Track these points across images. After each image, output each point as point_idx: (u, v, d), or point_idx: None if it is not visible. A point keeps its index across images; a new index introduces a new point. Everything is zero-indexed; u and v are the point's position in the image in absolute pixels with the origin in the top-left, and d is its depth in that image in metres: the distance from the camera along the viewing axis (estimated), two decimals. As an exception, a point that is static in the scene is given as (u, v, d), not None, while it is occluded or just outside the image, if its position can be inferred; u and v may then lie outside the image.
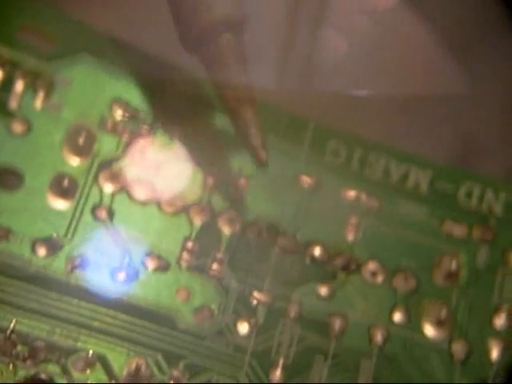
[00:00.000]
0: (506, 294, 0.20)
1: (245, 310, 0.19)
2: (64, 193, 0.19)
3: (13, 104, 0.19)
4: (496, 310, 0.20)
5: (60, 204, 0.19)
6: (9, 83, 0.19)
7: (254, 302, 0.19)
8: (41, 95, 0.20)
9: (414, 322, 0.20)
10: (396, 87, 0.22)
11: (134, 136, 0.20)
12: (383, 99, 0.22)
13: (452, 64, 0.23)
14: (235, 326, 0.19)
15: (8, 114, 0.19)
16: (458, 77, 0.23)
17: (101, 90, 0.20)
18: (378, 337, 0.19)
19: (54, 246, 0.19)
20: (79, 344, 0.18)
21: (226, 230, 0.20)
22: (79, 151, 0.20)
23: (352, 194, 0.21)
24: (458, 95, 0.22)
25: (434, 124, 0.22)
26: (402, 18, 0.23)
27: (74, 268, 0.19)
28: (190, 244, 0.20)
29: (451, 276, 0.20)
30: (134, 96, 0.20)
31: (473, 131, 0.22)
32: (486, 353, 0.20)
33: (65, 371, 0.18)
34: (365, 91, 0.22)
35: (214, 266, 0.20)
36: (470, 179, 0.21)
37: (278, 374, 0.19)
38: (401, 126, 0.22)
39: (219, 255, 0.20)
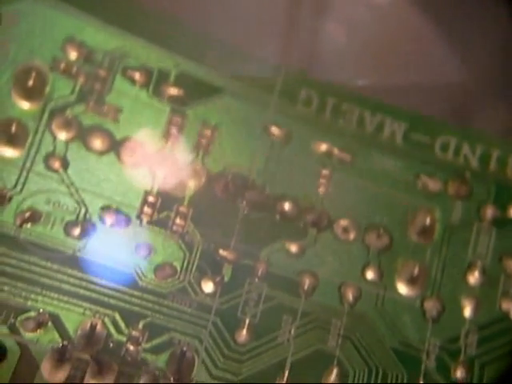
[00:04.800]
0: (480, 250, 0.20)
1: (209, 267, 0.18)
2: (12, 140, 0.18)
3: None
4: (470, 267, 0.20)
5: (8, 152, 0.18)
6: None
7: (220, 259, 0.18)
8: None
9: (386, 280, 0.19)
10: (394, 75, 0.22)
11: (91, 79, 0.19)
12: (382, 86, 0.22)
13: (449, 51, 0.22)
14: (199, 284, 0.18)
15: None
16: (455, 63, 0.22)
17: (52, 28, 0.19)
18: (350, 295, 0.19)
19: (1, 198, 0.18)
20: (29, 302, 0.17)
21: (191, 183, 0.19)
22: (29, 94, 0.18)
23: (324, 146, 0.20)
24: (455, 81, 0.22)
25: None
26: (400, 7, 0.22)
27: (23, 222, 0.18)
28: (151, 197, 0.19)
29: (425, 232, 0.20)
30: (90, 36, 0.19)
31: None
32: (459, 310, 0.19)
33: (13, 331, 0.17)
34: (364, 79, 0.22)
35: (177, 221, 0.18)
36: (446, 132, 0.21)
37: (243, 333, 0.18)
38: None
39: (182, 209, 0.19)
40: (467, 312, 0.19)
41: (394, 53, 0.22)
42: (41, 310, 0.17)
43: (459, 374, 0.19)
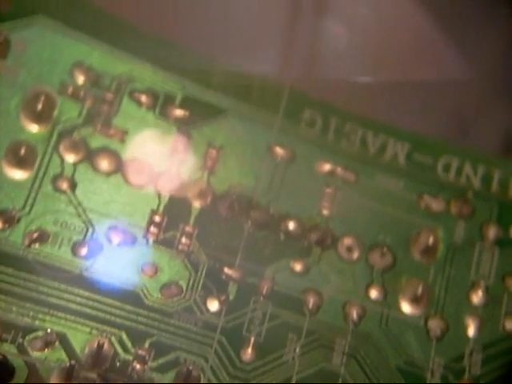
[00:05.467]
0: (482, 269, 0.20)
1: (215, 286, 0.19)
2: (21, 162, 0.18)
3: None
4: (473, 287, 0.20)
5: (17, 174, 0.18)
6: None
7: (225, 278, 0.19)
8: (-6, 57, 0.18)
9: (390, 299, 0.19)
10: (396, 73, 0.22)
11: (98, 103, 0.19)
12: (384, 85, 0.22)
13: (451, 49, 0.23)
14: (204, 303, 0.18)
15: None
16: (457, 61, 0.23)
17: (60, 54, 0.19)
18: (354, 314, 0.19)
19: (10, 219, 0.18)
20: (37, 322, 0.17)
21: (196, 202, 0.19)
22: (38, 117, 0.18)
23: (327, 166, 0.20)
24: (457, 80, 0.23)
25: (431, 101, 0.22)
26: (401, 6, 0.23)
27: (32, 242, 0.18)
28: (157, 217, 0.19)
29: (428, 251, 0.20)
30: (97, 60, 0.19)
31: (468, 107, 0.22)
32: (463, 329, 0.19)
33: (21, 351, 0.17)
34: (366, 77, 0.22)
35: (183, 241, 0.19)
36: (448, 152, 0.21)
37: (249, 352, 0.18)
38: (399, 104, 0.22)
39: (188, 229, 0.19)
40: (471, 331, 0.19)
41: (395, 51, 0.22)
42: (48, 330, 0.17)
43: (464, 392, 0.19)
